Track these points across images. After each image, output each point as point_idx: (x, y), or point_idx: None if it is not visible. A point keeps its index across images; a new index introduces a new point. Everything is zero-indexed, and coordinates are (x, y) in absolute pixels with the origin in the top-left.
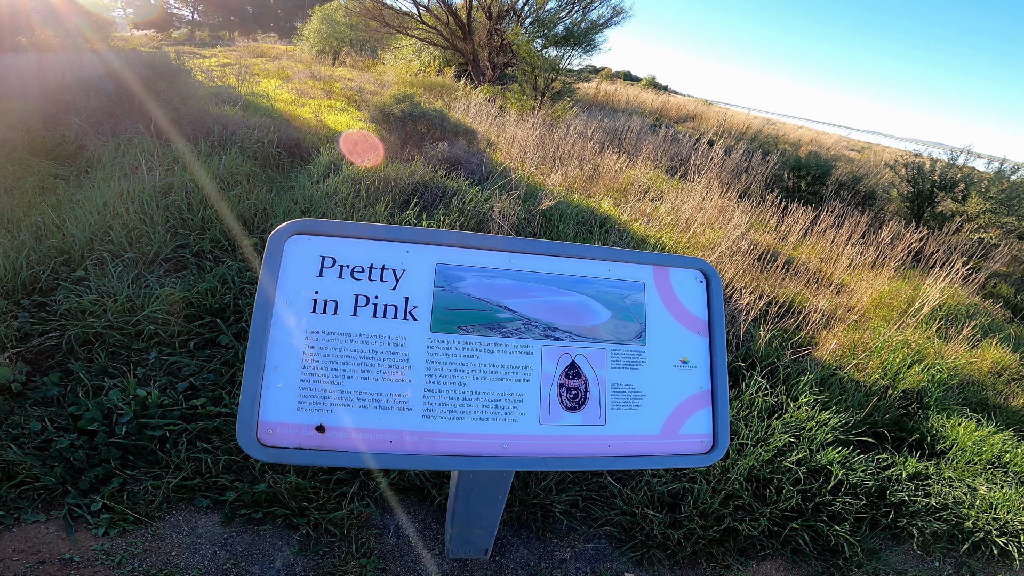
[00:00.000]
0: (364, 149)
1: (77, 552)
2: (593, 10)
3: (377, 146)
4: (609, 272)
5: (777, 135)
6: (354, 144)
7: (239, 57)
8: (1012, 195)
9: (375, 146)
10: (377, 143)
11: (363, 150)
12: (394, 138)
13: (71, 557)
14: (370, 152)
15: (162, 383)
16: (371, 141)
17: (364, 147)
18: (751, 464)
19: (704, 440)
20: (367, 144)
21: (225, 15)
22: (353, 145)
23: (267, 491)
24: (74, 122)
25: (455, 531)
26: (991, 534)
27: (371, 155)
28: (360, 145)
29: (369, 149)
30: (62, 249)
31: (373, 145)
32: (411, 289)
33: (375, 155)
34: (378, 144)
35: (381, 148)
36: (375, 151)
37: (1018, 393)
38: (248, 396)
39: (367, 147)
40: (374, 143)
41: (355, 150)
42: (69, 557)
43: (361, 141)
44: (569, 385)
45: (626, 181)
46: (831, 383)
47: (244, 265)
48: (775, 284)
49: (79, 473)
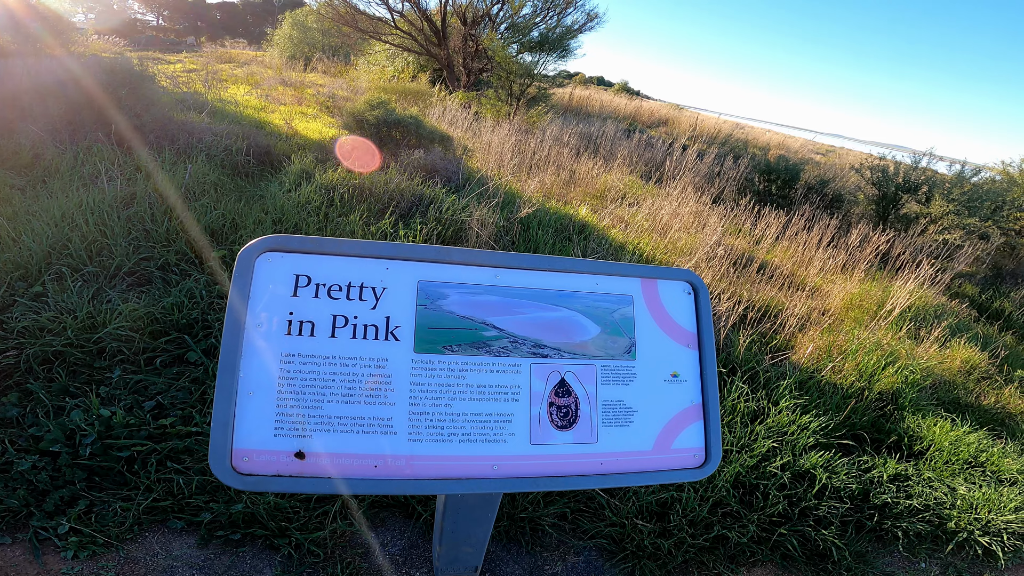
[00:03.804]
0: (362, 155)
1: (46, 575)
2: (568, 16)
3: (374, 152)
4: (597, 286)
5: (747, 139)
6: (351, 150)
7: (206, 63)
8: (974, 197)
9: (372, 152)
10: (375, 149)
11: (360, 156)
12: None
13: None
14: (368, 157)
15: (127, 402)
16: (368, 147)
17: (361, 153)
18: (737, 470)
19: (697, 454)
20: (365, 150)
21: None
22: (350, 151)
23: (244, 512)
24: (30, 130)
25: (443, 550)
26: (974, 534)
27: (369, 160)
28: (357, 151)
29: (367, 155)
30: (18, 264)
31: (370, 151)
32: (392, 308)
33: (372, 160)
34: (375, 150)
35: (378, 154)
36: (372, 157)
37: (988, 392)
38: (220, 424)
39: (365, 153)
40: (371, 149)
41: (352, 155)
42: None
43: (359, 147)
44: (559, 403)
45: (603, 187)
46: (809, 386)
47: (212, 279)
48: (752, 289)
49: (43, 495)
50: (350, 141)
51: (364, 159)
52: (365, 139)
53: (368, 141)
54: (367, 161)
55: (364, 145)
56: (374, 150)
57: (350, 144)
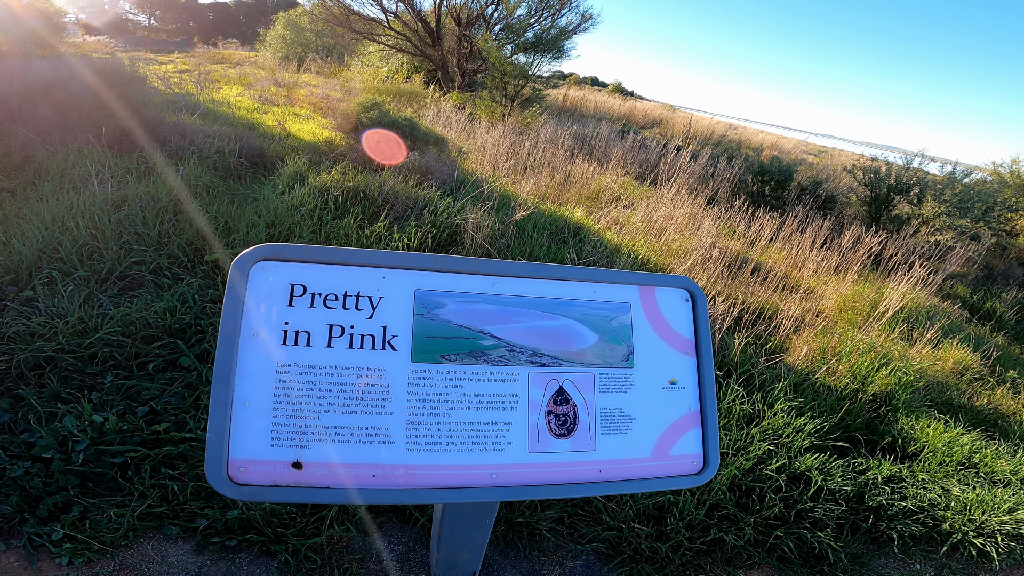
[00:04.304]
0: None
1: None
2: (562, 16)
3: (401, 144)
4: (595, 294)
5: (740, 140)
6: (376, 142)
7: (198, 63)
8: (965, 198)
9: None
10: (400, 142)
11: (387, 148)
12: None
13: None
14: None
15: (120, 408)
16: (394, 139)
17: (388, 145)
18: (733, 473)
19: (695, 461)
20: (390, 142)
21: (184, 21)
22: (376, 143)
23: (240, 518)
24: (20, 131)
25: (441, 556)
26: (968, 535)
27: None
28: (383, 143)
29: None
30: (8, 267)
31: (397, 143)
32: (389, 317)
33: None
34: (401, 143)
35: (404, 147)
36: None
37: (981, 393)
38: (215, 433)
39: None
40: (397, 141)
41: (377, 148)
42: None
43: (384, 139)
44: (557, 412)
45: (597, 188)
46: (804, 388)
47: (205, 282)
48: (746, 291)
49: (36, 501)
50: (376, 134)
51: (391, 151)
52: (391, 132)
53: (394, 134)
54: (394, 152)
55: (390, 137)
56: (399, 142)
57: (376, 137)
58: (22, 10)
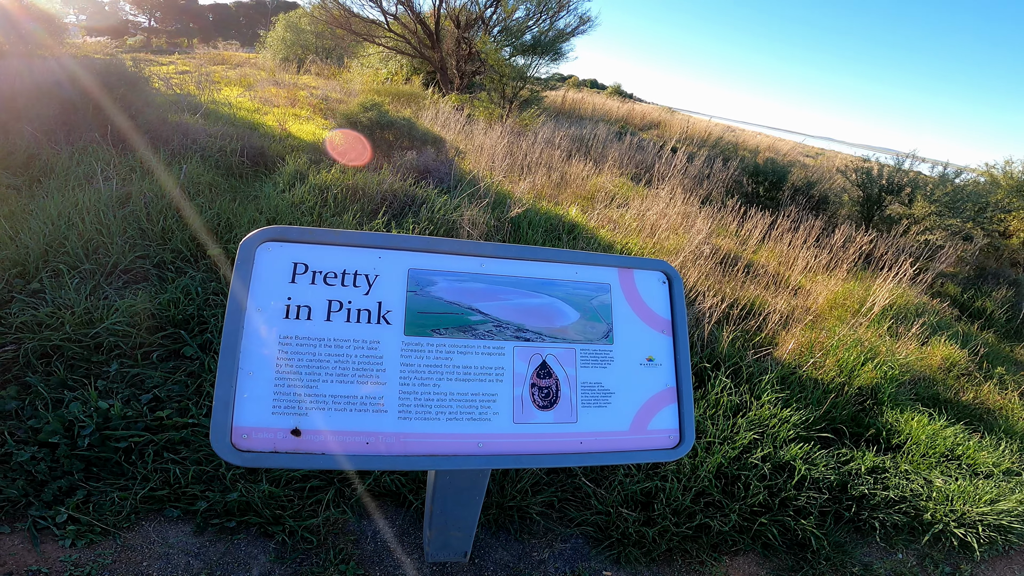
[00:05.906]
0: (352, 149)
1: (44, 564)
2: (560, 19)
3: (365, 145)
4: (576, 275)
5: (737, 142)
6: (339, 145)
7: (199, 64)
8: (955, 198)
9: (363, 145)
10: (365, 142)
11: (351, 150)
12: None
13: (38, 568)
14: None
15: (125, 395)
16: (359, 140)
17: (353, 147)
18: (719, 461)
19: (672, 435)
20: (356, 143)
21: (184, 22)
22: (338, 146)
23: (239, 500)
24: (26, 130)
25: (433, 534)
26: (949, 525)
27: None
28: (347, 145)
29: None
30: (16, 261)
31: (361, 144)
32: (384, 294)
33: (364, 153)
34: (365, 143)
35: (368, 147)
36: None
37: (967, 388)
38: (221, 402)
39: (356, 146)
40: (362, 142)
41: (340, 151)
42: (36, 568)
43: (349, 141)
44: (541, 384)
45: (593, 188)
46: (791, 381)
47: (208, 276)
48: (736, 287)
49: (42, 485)
50: (340, 135)
51: (356, 152)
52: (356, 133)
53: (358, 134)
54: (359, 154)
55: (354, 138)
56: (364, 142)
57: (340, 138)
58: (24, 11)
